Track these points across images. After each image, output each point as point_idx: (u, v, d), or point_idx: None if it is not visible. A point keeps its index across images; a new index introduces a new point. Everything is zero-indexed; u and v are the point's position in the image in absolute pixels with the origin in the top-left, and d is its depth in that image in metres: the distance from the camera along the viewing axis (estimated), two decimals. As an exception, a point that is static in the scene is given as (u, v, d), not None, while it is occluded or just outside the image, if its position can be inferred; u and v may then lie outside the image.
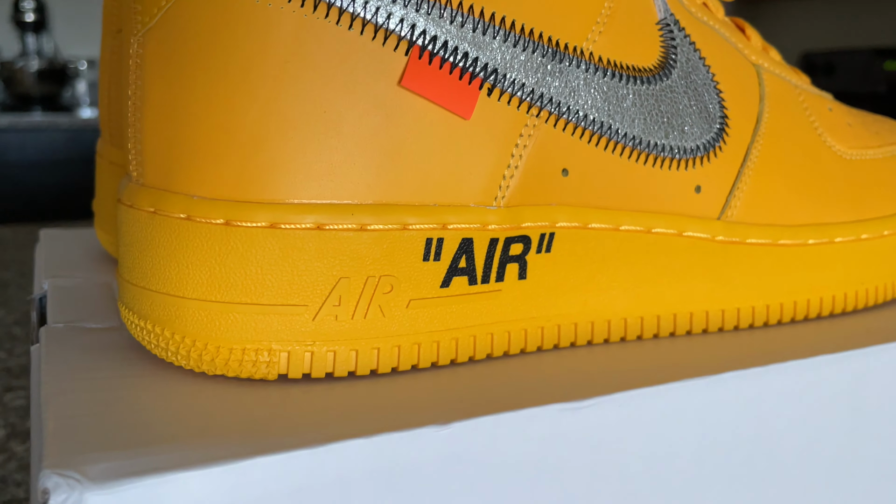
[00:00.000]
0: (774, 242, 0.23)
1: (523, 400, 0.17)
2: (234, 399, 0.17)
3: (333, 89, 0.17)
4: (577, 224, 0.20)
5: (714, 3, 0.24)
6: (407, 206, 0.18)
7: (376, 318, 0.18)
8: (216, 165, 0.17)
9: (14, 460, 0.38)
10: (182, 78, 0.17)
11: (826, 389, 0.21)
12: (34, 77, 2.41)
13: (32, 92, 2.42)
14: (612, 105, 0.20)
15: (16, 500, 0.35)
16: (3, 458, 0.38)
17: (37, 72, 2.41)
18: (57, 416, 0.16)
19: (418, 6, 0.18)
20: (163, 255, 0.18)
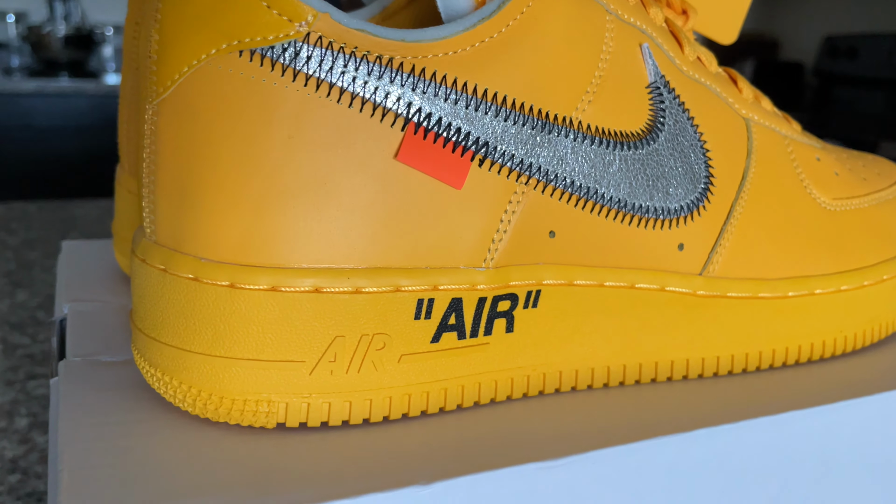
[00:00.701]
0: (754, 295, 0.24)
1: (503, 457, 0.19)
2: (236, 449, 0.19)
3: (333, 163, 0.18)
4: (563, 281, 0.22)
5: (707, 56, 0.25)
6: (400, 270, 0.19)
7: (369, 372, 0.20)
8: (222, 231, 0.19)
9: (36, 451, 0.40)
10: (192, 148, 0.19)
11: (796, 443, 0.22)
12: (61, 42, 2.43)
13: (59, 57, 2.44)
14: (598, 171, 0.21)
15: (37, 493, 0.37)
16: (25, 449, 0.40)
17: (64, 37, 2.42)
18: (71, 468, 0.17)
19: (414, 86, 0.19)
20: (172, 311, 0.19)
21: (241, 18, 0.18)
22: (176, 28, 0.18)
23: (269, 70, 0.18)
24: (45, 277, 0.67)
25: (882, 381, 0.24)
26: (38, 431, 0.42)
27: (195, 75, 0.18)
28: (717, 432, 0.21)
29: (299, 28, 0.18)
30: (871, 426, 0.23)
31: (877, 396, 0.23)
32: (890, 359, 0.26)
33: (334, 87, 0.18)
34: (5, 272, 0.67)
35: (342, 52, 0.18)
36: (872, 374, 0.25)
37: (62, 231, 0.81)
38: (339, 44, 0.18)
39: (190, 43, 0.18)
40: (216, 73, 0.18)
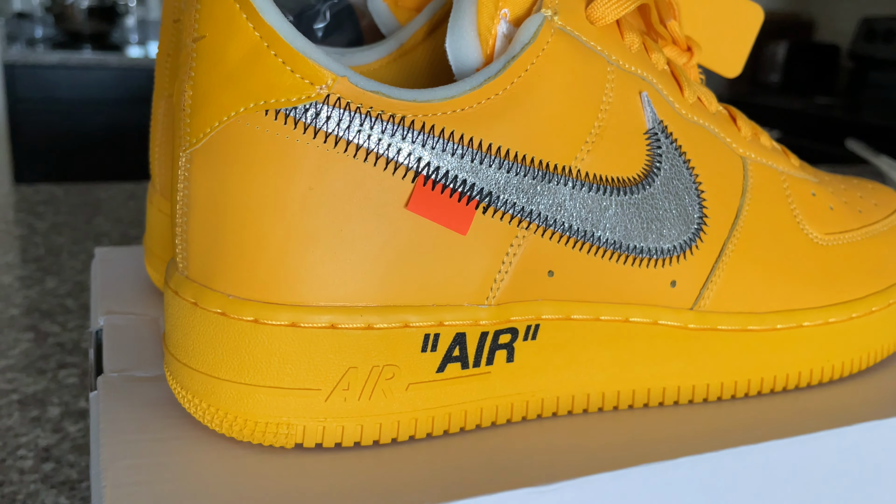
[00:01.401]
0: (744, 328, 0.25)
1: (499, 481, 0.21)
2: (258, 467, 0.21)
3: (349, 211, 0.20)
4: (561, 316, 0.23)
5: (708, 96, 0.27)
6: (408, 307, 0.21)
7: (379, 399, 0.22)
8: (248, 271, 0.20)
9: (67, 440, 0.43)
10: (222, 195, 0.20)
11: (778, 470, 0.24)
12: (84, 14, 2.45)
13: (82, 29, 2.46)
14: (594, 215, 0.23)
15: (69, 482, 0.39)
16: (58, 438, 0.43)
17: (87, 9, 2.44)
18: (114, 485, 0.19)
19: (424, 142, 0.20)
20: (202, 341, 0.21)
21: (267, 81, 0.19)
22: (208, 86, 0.20)
23: (293, 128, 0.20)
24: (73, 264, 0.69)
25: (864, 410, 0.26)
26: (70, 420, 0.45)
27: (225, 130, 0.20)
28: (699, 459, 0.23)
29: (320, 91, 0.20)
30: (852, 455, 0.25)
31: (857, 426, 0.25)
32: (875, 387, 0.28)
33: (351, 143, 0.20)
34: (34, 258, 0.70)
35: (359, 111, 0.20)
36: (857, 401, 0.27)
37: (88, 215, 0.83)
38: (356, 104, 0.20)
39: (221, 100, 0.20)
40: (244, 128, 0.20)
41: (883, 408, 0.26)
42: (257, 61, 0.20)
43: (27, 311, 0.59)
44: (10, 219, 0.81)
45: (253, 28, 0.19)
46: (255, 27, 0.19)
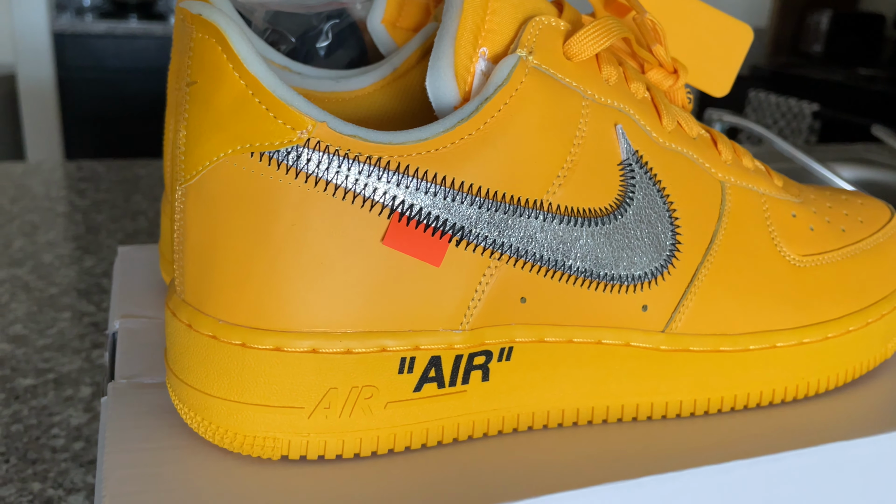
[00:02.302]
0: (715, 349, 0.27)
1: (472, 496, 0.22)
2: (247, 478, 0.23)
3: (329, 246, 0.22)
4: (534, 339, 0.25)
5: (688, 122, 0.27)
6: (385, 333, 0.23)
7: (359, 416, 0.23)
8: (236, 299, 0.22)
9: (97, 420, 0.45)
10: (212, 229, 0.22)
11: (740, 490, 0.25)
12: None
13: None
14: (565, 246, 0.24)
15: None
16: (88, 418, 0.46)
17: (133, -23, 2.48)
18: (112, 495, 0.21)
19: (398, 182, 0.22)
20: (195, 360, 0.23)
21: (252, 126, 0.21)
22: (199, 129, 0.22)
23: (276, 169, 0.21)
24: (109, 243, 0.72)
25: (835, 429, 0.27)
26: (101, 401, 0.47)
27: (215, 169, 0.22)
28: (663, 479, 0.24)
29: (301, 135, 0.21)
30: (816, 474, 0.26)
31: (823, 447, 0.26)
32: (851, 404, 0.29)
33: (330, 183, 0.21)
34: (74, 236, 0.73)
35: (337, 154, 0.21)
36: (832, 419, 0.28)
37: (127, 192, 0.86)
38: (335, 147, 0.21)
39: (211, 142, 0.21)
40: (232, 168, 0.21)
41: (855, 427, 0.27)
42: (243, 108, 0.21)
43: (65, 291, 0.62)
44: (53, 195, 0.84)
45: (238, 77, 0.21)
46: (241, 76, 0.21)
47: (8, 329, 0.56)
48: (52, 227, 0.75)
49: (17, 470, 0.41)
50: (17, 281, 0.64)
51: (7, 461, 0.42)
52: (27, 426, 0.45)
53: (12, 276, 0.65)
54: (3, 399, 0.48)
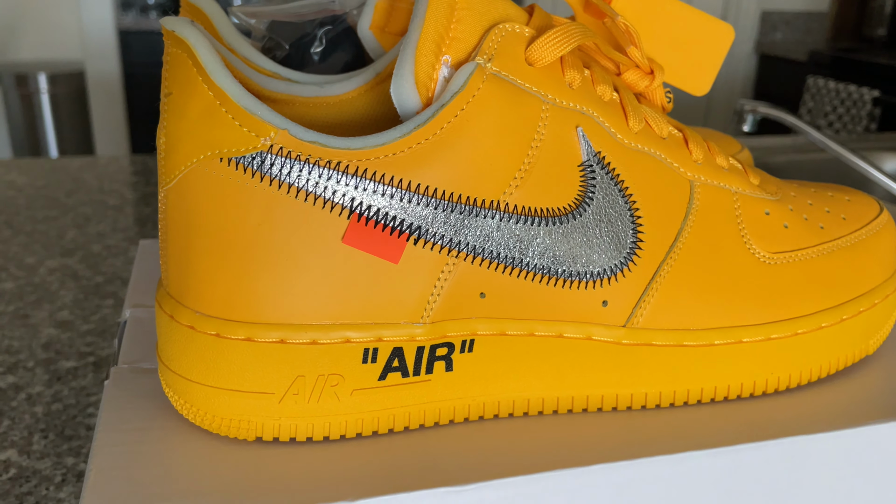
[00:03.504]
0: (679, 344, 0.27)
1: (424, 479, 0.24)
2: (225, 457, 0.25)
3: (293, 244, 0.23)
4: (495, 332, 0.26)
5: (658, 121, 0.28)
6: (349, 325, 0.24)
7: (327, 401, 0.25)
8: (210, 292, 0.24)
9: (130, 403, 0.48)
10: (189, 228, 0.24)
11: (692, 482, 0.26)
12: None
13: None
14: (523, 244, 0.25)
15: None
16: (122, 401, 0.49)
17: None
18: (98, 468, 0.23)
19: (357, 185, 0.23)
20: (177, 348, 0.25)
21: (220, 134, 0.23)
22: (175, 136, 0.23)
23: (243, 173, 0.23)
24: (155, 233, 0.75)
25: (801, 423, 0.27)
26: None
27: (189, 173, 0.23)
28: (616, 466, 0.25)
29: (264, 142, 0.23)
30: (778, 467, 0.27)
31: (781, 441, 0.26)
32: (821, 399, 0.29)
33: (293, 186, 0.23)
34: (122, 227, 0.77)
35: (298, 159, 0.23)
36: (799, 413, 0.28)
37: (176, 185, 0.89)
38: (297, 153, 0.23)
39: (185, 149, 0.23)
40: (204, 173, 0.23)
41: (821, 422, 0.28)
42: (212, 117, 0.23)
43: (110, 279, 0.66)
44: (106, 189, 0.88)
45: (207, 88, 0.23)
46: (209, 88, 0.23)
47: (56, 315, 0.60)
48: (103, 219, 0.79)
49: (53, 445, 0.45)
50: (67, 269, 0.67)
51: (46, 437, 0.45)
52: (66, 405, 0.48)
53: (63, 265, 0.68)
54: (46, 380, 0.51)
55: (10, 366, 0.53)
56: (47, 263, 0.69)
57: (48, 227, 0.76)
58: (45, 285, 0.64)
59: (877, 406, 0.29)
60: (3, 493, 0.40)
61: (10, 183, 0.89)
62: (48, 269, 0.67)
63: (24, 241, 0.73)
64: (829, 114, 2.16)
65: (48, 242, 0.73)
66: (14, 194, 0.86)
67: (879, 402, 0.29)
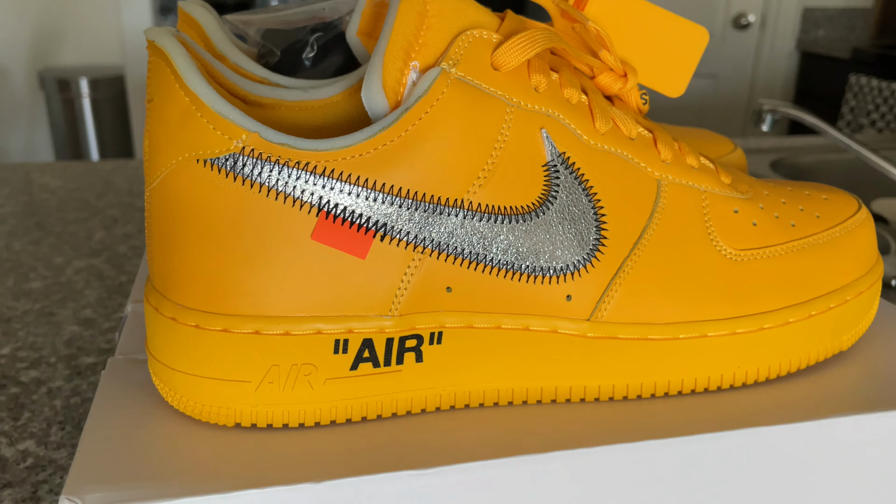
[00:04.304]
0: (644, 337, 0.28)
1: (389, 463, 0.25)
2: (205, 440, 0.26)
3: (266, 240, 0.25)
4: (463, 325, 0.27)
5: (627, 122, 0.29)
6: (320, 317, 0.26)
7: (302, 389, 0.26)
8: (190, 286, 0.26)
9: (144, 396, 0.51)
10: (170, 226, 0.26)
11: (652, 471, 0.27)
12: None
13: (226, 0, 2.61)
14: (486, 241, 0.26)
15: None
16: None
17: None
18: (85, 450, 0.25)
19: (324, 184, 0.25)
20: (161, 339, 0.27)
21: (195, 137, 0.24)
22: (157, 140, 0.25)
23: (217, 174, 0.24)
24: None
25: (763, 415, 0.28)
26: (149, 378, 0.52)
27: (170, 174, 0.25)
28: (574, 454, 0.26)
29: (237, 144, 0.24)
30: (735, 459, 0.28)
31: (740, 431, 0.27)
32: (788, 393, 0.30)
33: (264, 185, 0.24)
34: (141, 228, 0.79)
35: (269, 160, 0.24)
36: (765, 406, 0.29)
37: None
38: (267, 154, 0.24)
39: (166, 152, 0.25)
40: (183, 174, 0.25)
41: (784, 414, 0.28)
42: (189, 121, 0.24)
43: (133, 279, 0.68)
44: (134, 191, 0.91)
45: (184, 94, 0.24)
46: (185, 94, 0.24)
47: (80, 313, 0.62)
48: (130, 221, 0.82)
49: (70, 437, 0.47)
50: (93, 269, 0.70)
51: (63, 429, 0.47)
52: (84, 399, 0.51)
53: (89, 265, 0.71)
54: (67, 375, 0.54)
55: (34, 361, 0.55)
56: (74, 263, 0.71)
57: (77, 229, 0.79)
58: (70, 284, 0.67)
59: (844, 400, 0.29)
60: (20, 481, 0.43)
61: (43, 186, 0.93)
62: (75, 269, 0.70)
63: (54, 241, 0.76)
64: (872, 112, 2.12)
65: (76, 243, 0.76)
66: (47, 196, 0.89)
67: (848, 396, 0.29)
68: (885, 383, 0.30)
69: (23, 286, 0.67)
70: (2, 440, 0.46)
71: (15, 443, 0.46)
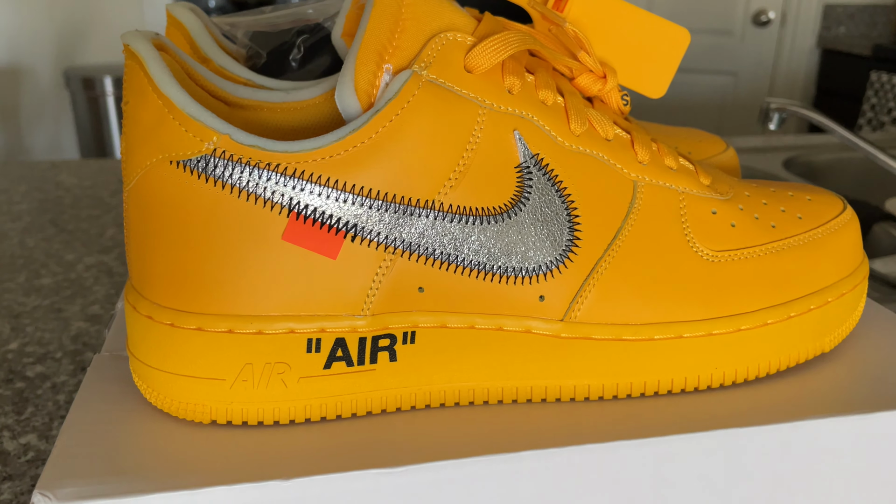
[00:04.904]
0: (618, 338, 0.28)
1: (362, 461, 0.25)
2: (181, 437, 0.27)
3: (238, 240, 0.25)
4: (436, 324, 0.27)
5: (604, 124, 0.29)
6: (292, 317, 0.26)
7: (276, 387, 0.27)
8: (165, 285, 0.26)
9: (144, 391, 0.51)
10: (146, 226, 0.26)
11: (624, 471, 0.27)
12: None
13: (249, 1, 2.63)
14: (457, 241, 0.26)
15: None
16: (137, 389, 0.52)
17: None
18: (62, 446, 0.26)
19: (294, 185, 0.25)
20: (139, 336, 0.27)
21: (168, 139, 0.25)
22: (132, 142, 0.26)
23: (190, 175, 0.25)
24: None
25: (739, 416, 0.28)
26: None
27: (144, 176, 0.26)
28: (543, 454, 0.26)
29: (208, 146, 0.25)
30: (708, 460, 0.28)
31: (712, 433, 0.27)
32: (765, 394, 0.30)
33: (235, 187, 0.25)
34: (158, 226, 0.80)
35: (240, 162, 0.25)
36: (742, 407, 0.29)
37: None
38: (238, 156, 0.25)
39: (140, 153, 0.25)
40: (157, 175, 0.25)
41: (762, 415, 0.28)
42: (162, 123, 0.25)
43: (141, 276, 0.69)
44: (147, 189, 0.92)
45: (157, 97, 0.25)
46: (158, 97, 0.25)
47: (88, 309, 0.63)
48: (142, 218, 0.83)
49: (71, 431, 0.48)
50: (102, 266, 0.71)
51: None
52: (87, 394, 0.51)
53: (100, 261, 0.72)
54: (71, 370, 0.54)
55: (40, 356, 0.56)
56: (85, 260, 0.72)
57: (90, 226, 0.80)
58: (80, 281, 0.68)
59: (823, 402, 0.29)
60: (20, 474, 0.44)
61: (59, 183, 0.94)
62: (85, 266, 0.71)
63: (66, 238, 0.77)
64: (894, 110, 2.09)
65: (88, 240, 0.77)
66: (62, 194, 0.90)
67: (827, 398, 0.29)
68: (865, 386, 0.30)
69: (34, 282, 0.68)
70: (4, 434, 0.47)
71: (17, 436, 0.47)
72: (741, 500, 0.29)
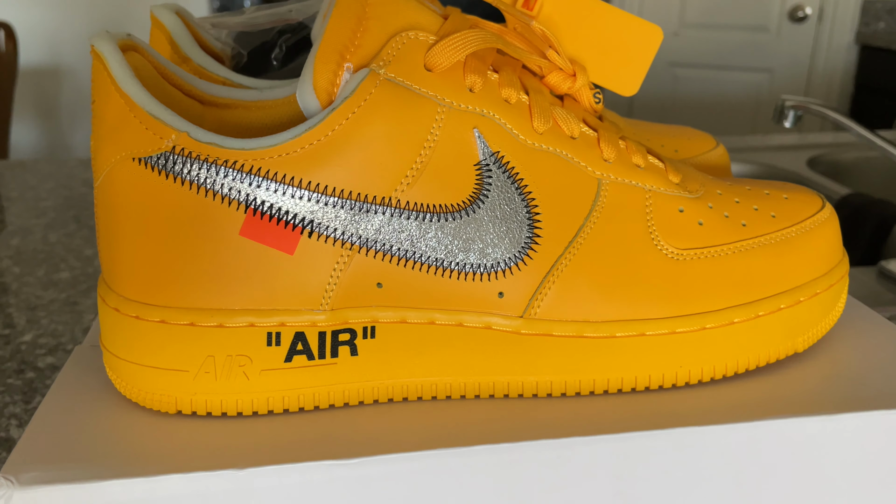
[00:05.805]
0: (579, 335, 0.28)
1: (320, 452, 0.26)
2: (146, 427, 0.27)
3: (197, 237, 0.26)
4: (396, 320, 0.28)
5: (569, 122, 0.29)
6: (253, 311, 0.27)
7: (238, 379, 0.27)
8: (130, 279, 0.27)
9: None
10: (112, 221, 0.27)
11: (587, 468, 0.27)
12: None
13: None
14: (414, 238, 0.27)
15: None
16: (141, 381, 0.53)
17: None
18: (31, 430, 0.27)
19: (251, 182, 0.26)
20: (108, 328, 0.28)
21: (130, 137, 0.26)
22: (99, 140, 0.26)
23: (151, 171, 0.26)
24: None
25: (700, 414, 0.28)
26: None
27: (109, 173, 0.26)
28: (498, 448, 0.26)
29: (167, 143, 0.25)
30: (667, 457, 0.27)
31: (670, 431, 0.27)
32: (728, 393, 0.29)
33: (194, 183, 0.26)
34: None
35: (198, 158, 0.25)
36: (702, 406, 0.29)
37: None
38: (196, 153, 0.25)
39: (106, 151, 0.26)
40: (121, 172, 0.26)
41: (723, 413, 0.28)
42: (124, 122, 0.26)
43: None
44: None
45: (119, 96, 0.25)
46: (120, 95, 0.25)
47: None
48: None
49: (75, 421, 0.49)
50: (119, 261, 0.73)
51: (70, 414, 0.50)
52: (93, 386, 0.53)
53: (117, 257, 0.74)
54: (80, 362, 0.56)
55: (52, 348, 0.58)
56: (102, 255, 0.74)
57: (110, 222, 0.82)
58: (97, 275, 0.70)
59: (790, 402, 0.29)
60: (22, 460, 0.45)
61: (85, 181, 0.97)
62: (102, 261, 0.73)
63: (87, 234, 0.79)
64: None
65: (107, 236, 0.79)
66: (87, 191, 0.93)
67: (795, 399, 0.29)
68: (839, 386, 0.30)
69: (52, 276, 0.70)
70: (12, 422, 0.48)
71: (24, 425, 0.48)
72: (704, 499, 0.29)
